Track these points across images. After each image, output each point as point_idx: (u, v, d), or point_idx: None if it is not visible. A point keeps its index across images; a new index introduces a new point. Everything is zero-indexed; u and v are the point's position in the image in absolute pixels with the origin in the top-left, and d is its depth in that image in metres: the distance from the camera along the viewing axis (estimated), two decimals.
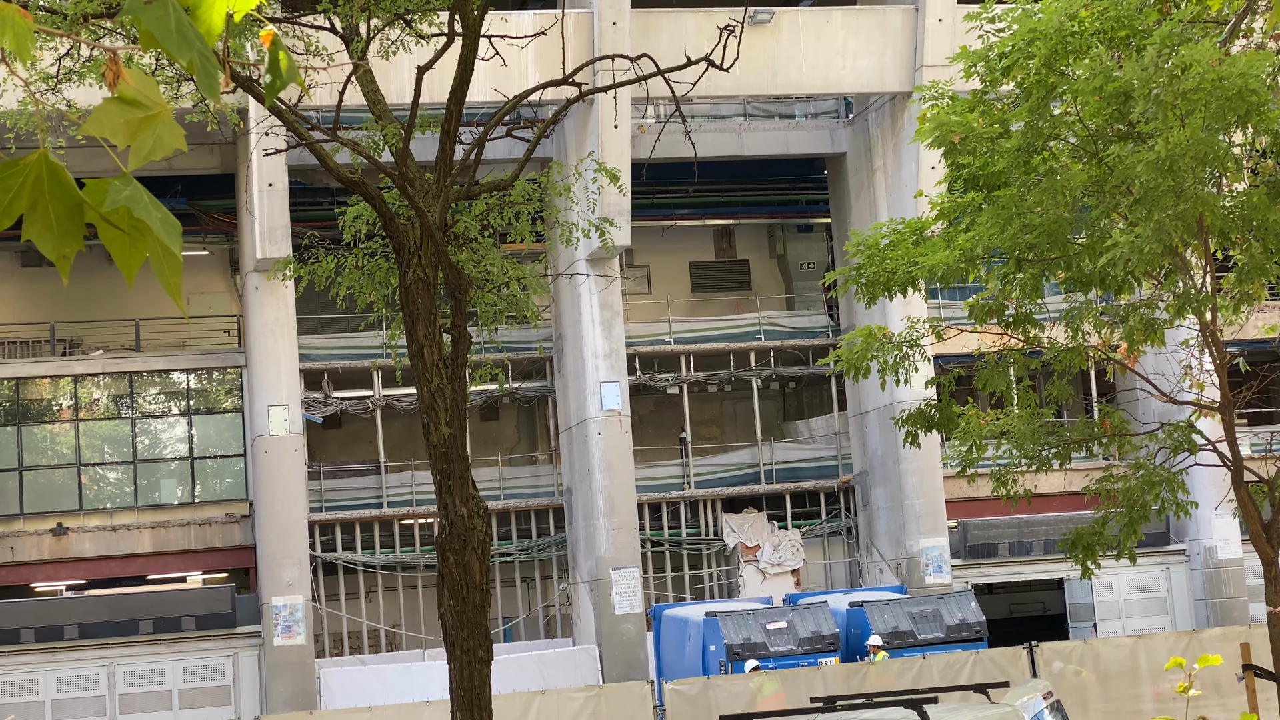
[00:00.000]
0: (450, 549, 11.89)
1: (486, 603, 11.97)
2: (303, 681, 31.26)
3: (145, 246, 3.14)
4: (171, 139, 3.16)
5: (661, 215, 38.38)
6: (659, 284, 39.70)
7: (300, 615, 31.61)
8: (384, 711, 22.14)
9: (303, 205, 33.38)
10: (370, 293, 14.43)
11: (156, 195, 2.89)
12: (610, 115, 31.10)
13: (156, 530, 33.68)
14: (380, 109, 12.95)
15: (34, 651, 31.30)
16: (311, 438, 34.91)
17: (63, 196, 3.08)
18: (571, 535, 34.84)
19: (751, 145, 36.37)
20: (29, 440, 33.80)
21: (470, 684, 11.74)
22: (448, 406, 12.02)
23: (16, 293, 37.13)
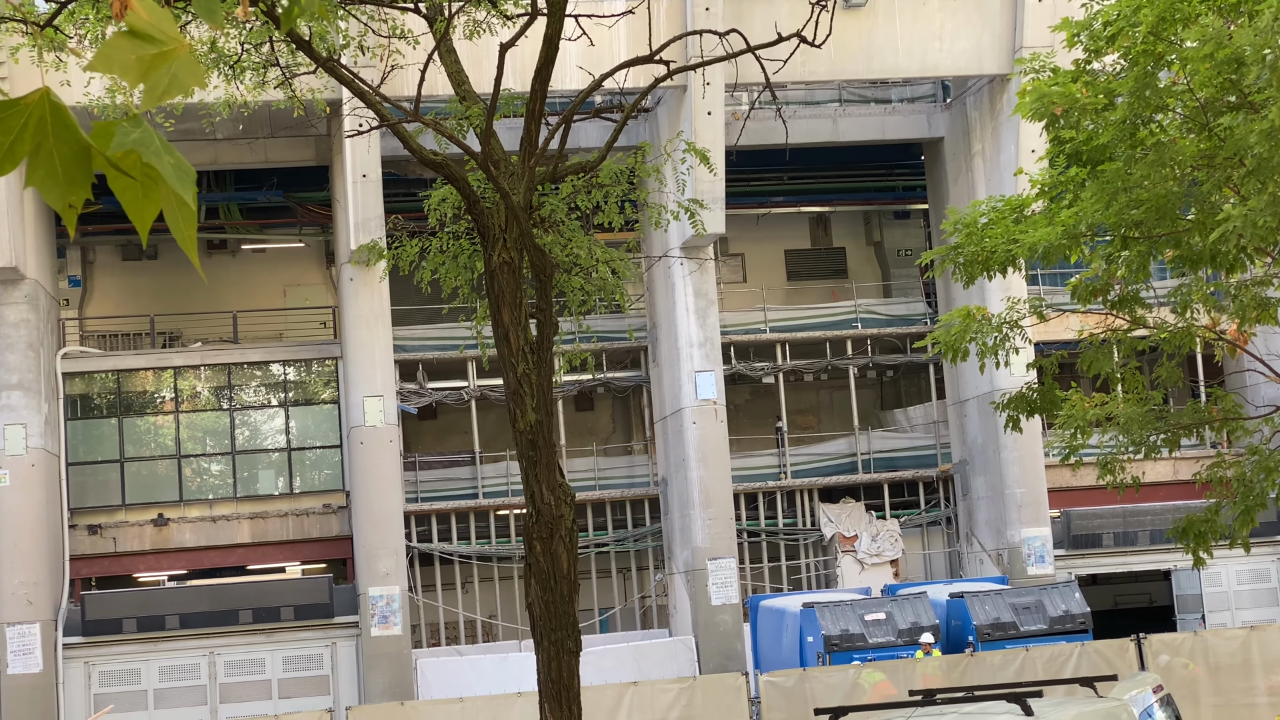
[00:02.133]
0: (537, 537, 11.64)
1: (574, 592, 11.70)
2: (399, 672, 31.27)
3: (158, 196, 2.87)
4: (188, 77, 2.88)
5: (756, 203, 38.01)
6: (754, 272, 39.30)
7: (397, 606, 31.61)
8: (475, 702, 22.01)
9: (397, 196, 33.35)
10: (456, 277, 14.21)
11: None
12: (703, 102, 30.77)
13: (255, 521, 33.86)
14: (464, 89, 12.71)
15: (136, 641, 31.57)
16: (407, 429, 34.92)
17: (68, 140, 2.81)
18: (667, 525, 34.58)
19: (847, 131, 35.87)
20: (130, 432, 34.09)
21: (558, 675, 11.48)
22: (534, 392, 11.76)
23: (118, 286, 37.50)
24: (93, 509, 33.44)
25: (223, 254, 38.24)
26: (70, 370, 33.47)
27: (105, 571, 33.59)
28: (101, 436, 33.86)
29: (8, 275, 30.77)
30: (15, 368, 31.46)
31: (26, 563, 30.95)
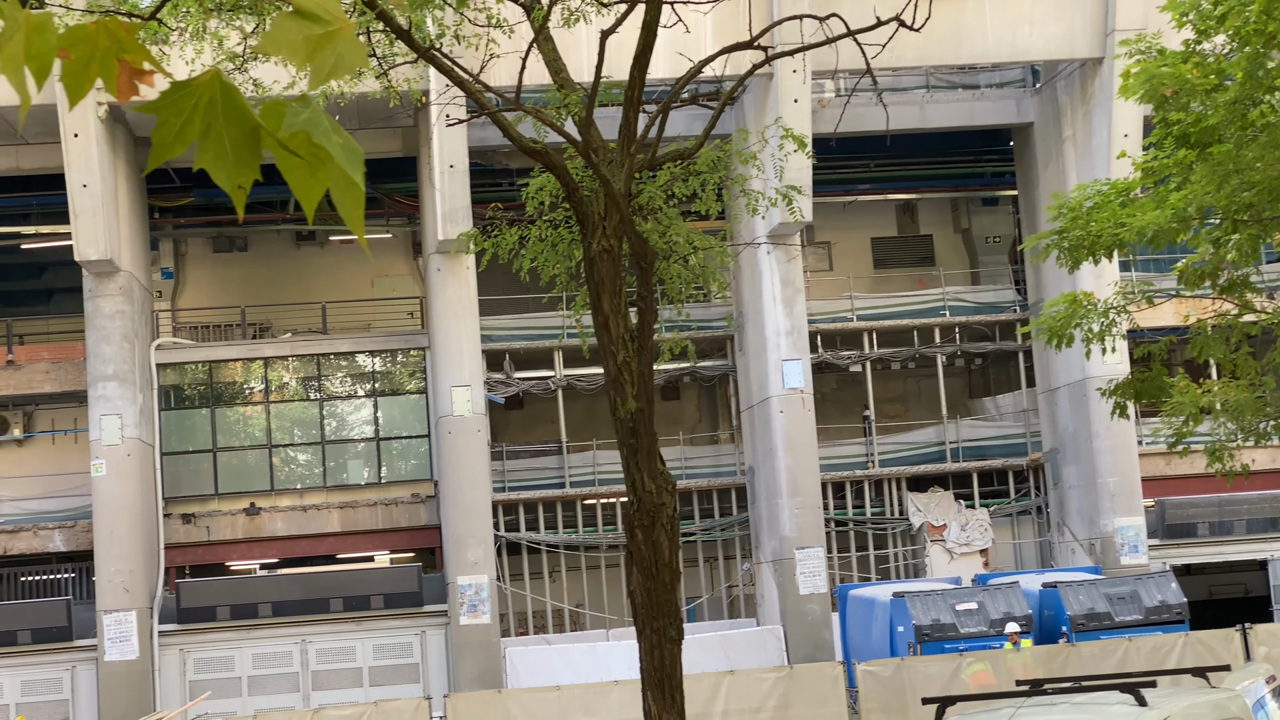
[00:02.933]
0: (639, 525, 11.62)
1: (676, 580, 11.68)
2: (489, 660, 31.41)
3: (325, 176, 2.85)
4: (353, 57, 2.86)
5: (843, 190, 37.80)
6: (840, 260, 39.10)
7: (485, 595, 31.75)
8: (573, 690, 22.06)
9: (483, 187, 33.48)
10: (554, 265, 14.22)
11: None
12: (790, 90, 30.62)
13: (345, 510, 34.12)
14: (562, 77, 12.71)
15: (230, 629, 31.93)
16: (494, 418, 35.05)
17: (238, 121, 2.81)
18: (754, 515, 34.50)
19: (935, 117, 35.55)
20: (222, 422, 34.45)
21: (661, 663, 11.46)
22: (634, 380, 11.74)
23: (209, 277, 37.90)
24: (186, 498, 33.83)
25: (311, 245, 38.54)
26: (164, 361, 33.87)
27: (199, 560, 33.97)
28: (194, 426, 34.23)
29: (103, 268, 31.16)
30: (111, 359, 31.86)
31: (123, 551, 31.36)
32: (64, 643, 31.59)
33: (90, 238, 30.12)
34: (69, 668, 31.62)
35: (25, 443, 36.60)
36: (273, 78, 14.18)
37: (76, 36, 2.81)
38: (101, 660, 31.03)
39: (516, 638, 33.92)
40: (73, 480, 34.29)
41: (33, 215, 35.71)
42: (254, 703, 31.22)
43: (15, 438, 36.38)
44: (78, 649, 31.61)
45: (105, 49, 2.84)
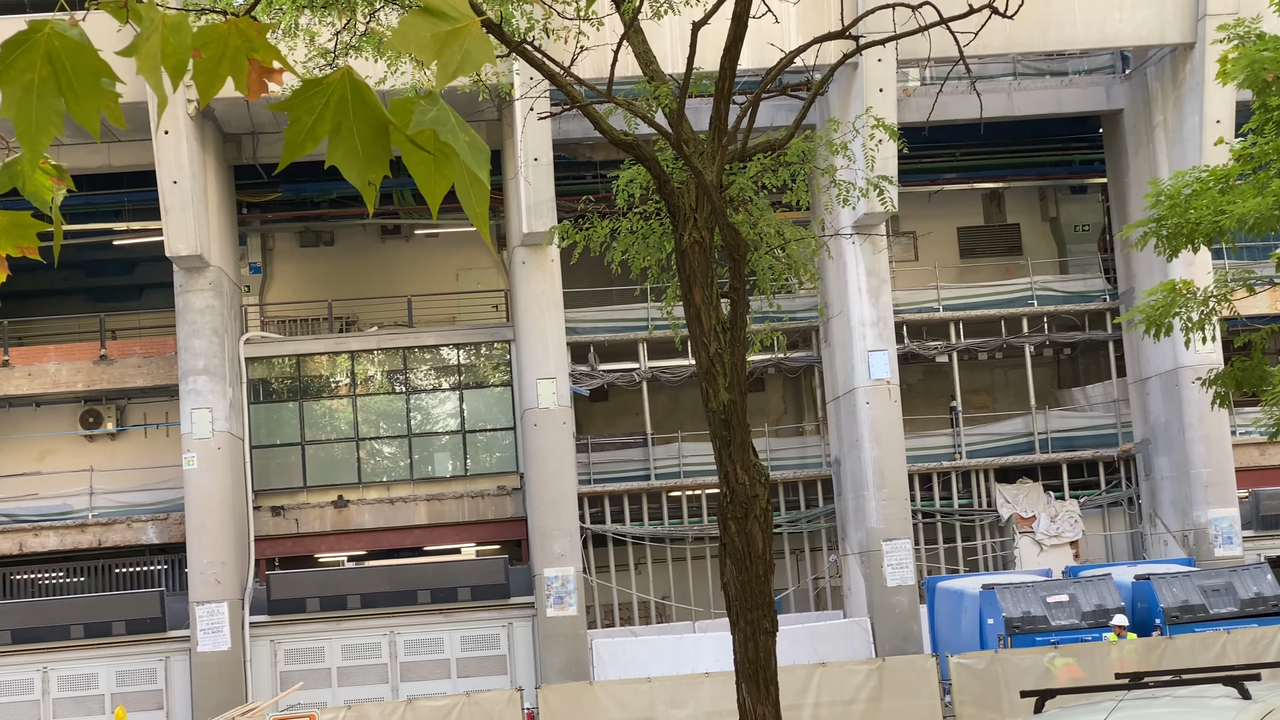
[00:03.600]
0: (732, 517, 11.60)
1: (770, 572, 11.65)
2: (575, 652, 31.50)
3: (450, 172, 2.87)
4: (480, 53, 2.87)
5: (928, 180, 37.53)
6: (926, 250, 38.83)
7: (571, 587, 31.84)
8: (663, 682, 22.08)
9: (567, 180, 33.55)
10: (644, 257, 14.21)
11: None
12: (876, 79, 30.43)
13: (431, 503, 34.32)
14: (652, 70, 12.69)
15: (320, 620, 32.23)
16: (579, 410, 35.13)
17: (367, 118, 2.83)
18: (840, 506, 34.36)
19: (1022, 105, 35.20)
20: (310, 415, 34.76)
21: (755, 655, 11.44)
22: (727, 371, 11.72)
23: (296, 272, 38.25)
24: (275, 491, 34.18)
25: (396, 239, 38.80)
26: (252, 355, 34.23)
27: (288, 552, 34.32)
28: (282, 420, 34.57)
29: (193, 263, 31.54)
30: (201, 353, 32.25)
31: (214, 543, 31.75)
32: (158, 634, 32.03)
33: (180, 233, 30.49)
34: (163, 658, 32.06)
35: (119, 436, 37.14)
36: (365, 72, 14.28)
37: (209, 36, 2.83)
38: (194, 651, 31.44)
39: (603, 629, 33.99)
40: (165, 473, 34.76)
41: (124, 212, 36.20)
42: (344, 693, 31.51)
43: (109, 431, 36.92)
44: (171, 640, 32.03)
45: (236, 48, 2.87)
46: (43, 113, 2.84)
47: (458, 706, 22.45)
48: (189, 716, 30.82)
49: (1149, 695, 9.84)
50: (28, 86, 2.80)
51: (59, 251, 3.49)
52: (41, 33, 2.81)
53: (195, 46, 2.87)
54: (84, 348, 34.45)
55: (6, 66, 2.78)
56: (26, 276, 36.57)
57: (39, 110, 2.83)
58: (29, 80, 2.80)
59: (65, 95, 2.83)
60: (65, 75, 2.83)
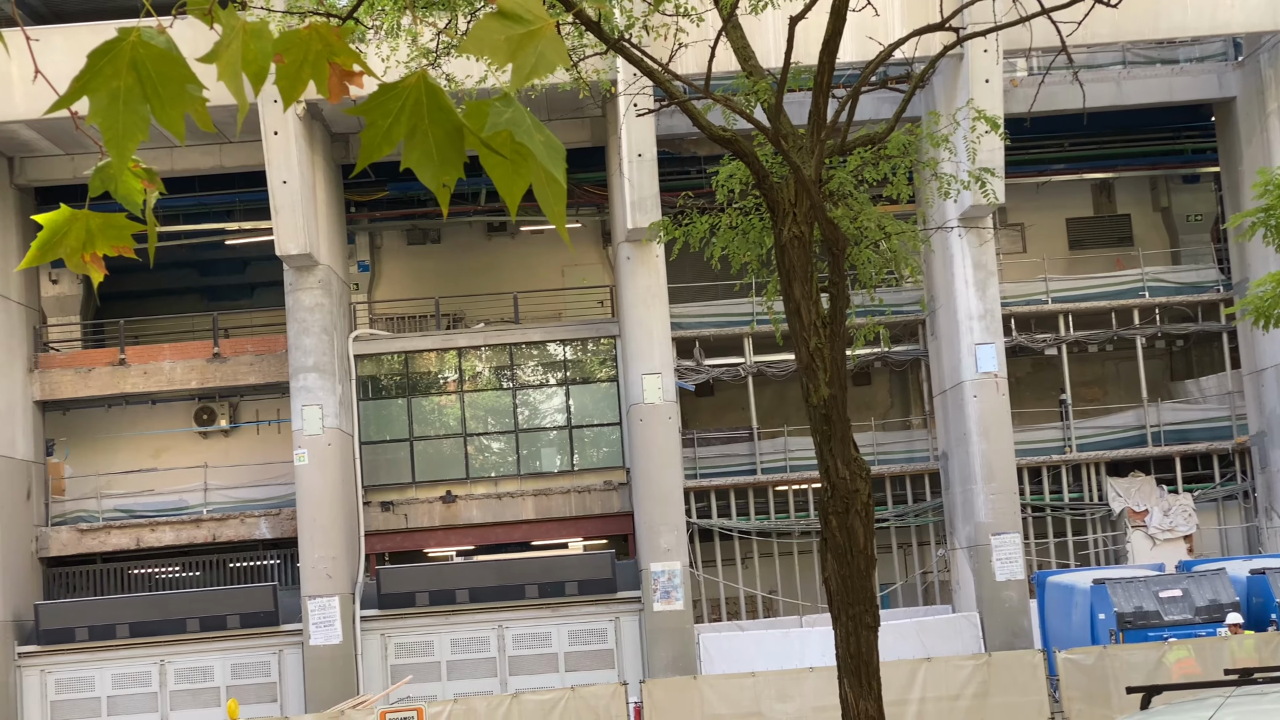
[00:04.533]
0: (833, 512, 11.58)
1: (871, 567, 11.61)
2: (682, 646, 31.55)
3: (528, 172, 2.91)
4: (554, 56, 2.91)
5: (1036, 171, 37.09)
6: (1034, 242, 38.39)
7: (678, 581, 31.89)
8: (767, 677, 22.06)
9: (670, 175, 33.57)
10: (744, 253, 14.21)
11: None
12: (982, 70, 30.13)
13: (539, 498, 34.53)
14: (751, 65, 12.68)
15: (429, 614, 32.56)
16: (685, 405, 35.16)
17: (442, 121, 2.87)
18: (948, 501, 34.09)
19: (1131, 94, 34.69)
20: (418, 411, 35.10)
21: (857, 650, 11.41)
22: (827, 366, 11.69)
23: (403, 270, 38.65)
24: (385, 486, 34.56)
25: (502, 236, 39.07)
26: (361, 352, 34.63)
27: (398, 547, 34.69)
28: (391, 416, 34.94)
29: (303, 262, 31.97)
30: (311, 350, 32.68)
31: (325, 538, 32.18)
32: (271, 627, 32.54)
33: (290, 233, 30.93)
34: (276, 652, 32.57)
35: (231, 433, 37.76)
36: (465, 72, 14.41)
37: (290, 41, 2.89)
38: (307, 644, 31.89)
39: (710, 624, 34.01)
40: (276, 469, 35.28)
41: (235, 212, 36.79)
42: (453, 687, 31.81)
43: (222, 428, 37.55)
44: (284, 633, 32.53)
45: (317, 52, 2.92)
46: (129, 119, 2.91)
47: (563, 700, 22.58)
48: (302, 709, 31.27)
49: (1259, 691, 9.70)
50: (114, 94, 2.88)
51: (158, 251, 3.58)
52: (127, 40, 2.88)
53: (277, 52, 2.94)
54: (197, 346, 35.05)
55: (93, 75, 2.86)
56: (142, 276, 37.30)
57: (125, 116, 2.91)
58: (115, 87, 2.88)
59: (150, 101, 2.91)
60: (150, 82, 2.90)
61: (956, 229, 31.09)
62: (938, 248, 32.81)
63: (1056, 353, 35.49)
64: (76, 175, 34.09)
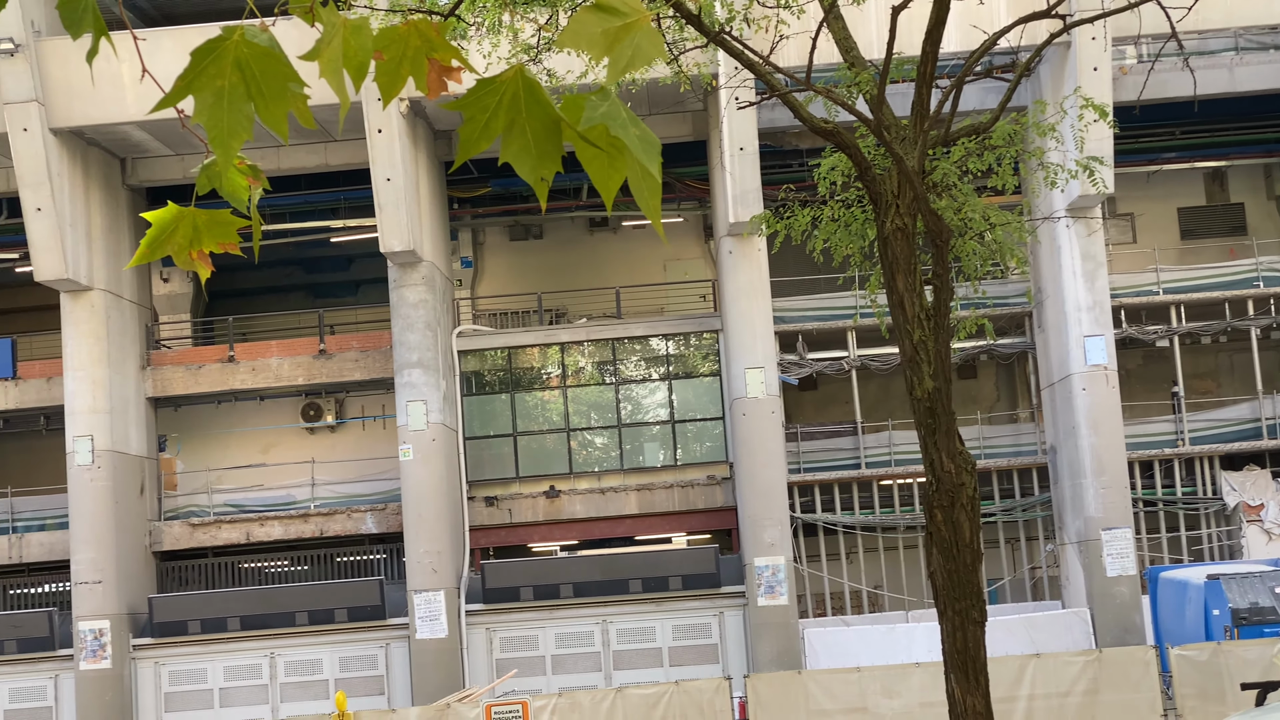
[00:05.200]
0: (938, 506, 11.48)
1: (978, 561, 11.49)
2: (787, 641, 31.46)
3: (623, 166, 2.89)
4: (651, 49, 2.89)
5: (1146, 160, 36.51)
6: (1144, 232, 37.80)
7: (782, 576, 31.80)
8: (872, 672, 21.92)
9: (772, 169, 33.45)
10: (847, 245, 14.12)
11: None
12: (1089, 58, 29.71)
13: (642, 492, 34.57)
14: (853, 56, 12.59)
15: (533, 609, 32.72)
16: (788, 399, 35.03)
17: (540, 115, 2.87)
18: (1057, 495, 33.67)
19: (1244, 80, 34.01)
20: (521, 407, 35.27)
21: (964, 645, 11.30)
22: (931, 359, 11.59)
23: (506, 265, 38.86)
24: (489, 481, 34.77)
25: (604, 231, 39.15)
26: (465, 348, 34.86)
27: (502, 542, 34.89)
28: (494, 411, 35.15)
29: (407, 258, 32.24)
30: (415, 346, 32.96)
31: (431, 533, 32.44)
32: (378, 621, 32.87)
33: (394, 229, 31.21)
34: (383, 645, 32.90)
35: (338, 429, 38.18)
36: (566, 67, 14.44)
37: (389, 38, 2.90)
38: (413, 638, 32.17)
39: (814, 619, 33.87)
40: (382, 465, 35.64)
41: (340, 209, 37.17)
42: (557, 681, 31.95)
43: (329, 424, 37.97)
44: (391, 627, 32.85)
45: (416, 49, 2.93)
46: (233, 118, 2.94)
47: (667, 695, 22.59)
48: (409, 701, 31.56)
49: None
50: (218, 93, 2.91)
51: (263, 248, 3.61)
52: (230, 40, 2.91)
53: (376, 49, 2.95)
54: (304, 343, 35.47)
55: (197, 74, 2.89)
56: (250, 274, 37.85)
57: (230, 116, 2.93)
58: (219, 87, 2.91)
59: (254, 100, 2.93)
60: (254, 80, 2.92)
61: (1064, 219, 30.70)
62: (1044, 239, 32.40)
63: (1168, 344, 34.92)
64: (186, 175, 34.64)
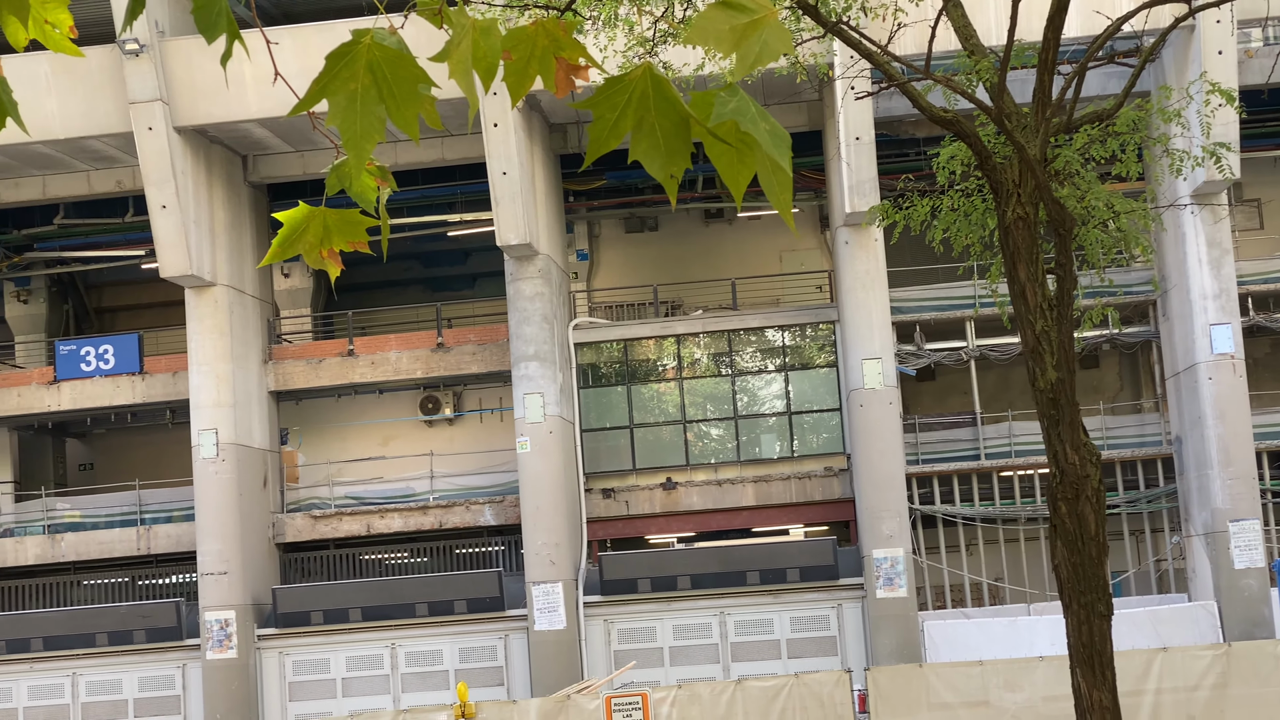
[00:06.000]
0: (1062, 498, 11.33)
1: (1103, 554, 11.33)
2: (906, 634, 31.24)
3: (753, 161, 2.89)
4: (778, 43, 2.88)
5: (1273, 144, 35.72)
6: (1273, 218, 36.99)
7: (901, 568, 31.59)
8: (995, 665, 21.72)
9: (889, 158, 33.20)
10: (966, 235, 13.98)
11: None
12: (1215, 41, 29.14)
13: (758, 484, 34.49)
14: (972, 43, 12.46)
15: (651, 601, 32.79)
16: (905, 390, 34.77)
17: (668, 112, 2.87)
18: (1183, 486, 33.10)
19: None
20: (637, 399, 35.33)
21: (1089, 639, 11.15)
22: (1054, 349, 11.45)
23: (622, 258, 38.95)
24: (605, 473, 34.88)
25: (719, 222, 39.09)
26: (581, 340, 34.99)
27: (619, 533, 34.99)
28: (611, 403, 35.24)
29: (523, 252, 32.42)
30: (531, 339, 33.15)
31: (548, 525, 32.62)
32: (497, 613, 33.12)
33: (510, 223, 31.40)
34: (502, 636, 33.15)
35: (456, 421, 38.53)
36: (682, 60, 14.45)
37: (517, 38, 2.92)
38: (532, 630, 32.38)
39: (934, 611, 33.59)
40: (499, 457, 35.89)
41: (457, 204, 37.47)
42: (675, 672, 32.00)
43: (447, 417, 38.33)
44: (510, 619, 33.09)
45: (544, 48, 2.94)
46: (366, 120, 2.97)
47: (787, 687, 22.54)
48: (528, 693, 31.78)
49: None
50: (351, 96, 2.94)
51: (387, 245, 3.64)
52: (362, 43, 2.94)
53: (505, 49, 2.97)
54: (422, 336, 35.81)
55: (331, 78, 2.92)
56: (368, 269, 38.29)
57: (363, 118, 2.97)
58: (352, 90, 2.94)
59: (386, 102, 2.96)
60: (385, 83, 2.95)
61: (1189, 206, 30.15)
62: (1169, 226, 31.84)
63: None
64: (306, 171, 35.13)
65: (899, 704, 22.84)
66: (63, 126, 31.92)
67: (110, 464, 40.43)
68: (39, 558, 35.87)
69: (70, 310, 41.64)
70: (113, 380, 35.68)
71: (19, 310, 40.10)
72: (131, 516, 36.59)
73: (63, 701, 33.99)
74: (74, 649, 33.89)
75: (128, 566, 36.81)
